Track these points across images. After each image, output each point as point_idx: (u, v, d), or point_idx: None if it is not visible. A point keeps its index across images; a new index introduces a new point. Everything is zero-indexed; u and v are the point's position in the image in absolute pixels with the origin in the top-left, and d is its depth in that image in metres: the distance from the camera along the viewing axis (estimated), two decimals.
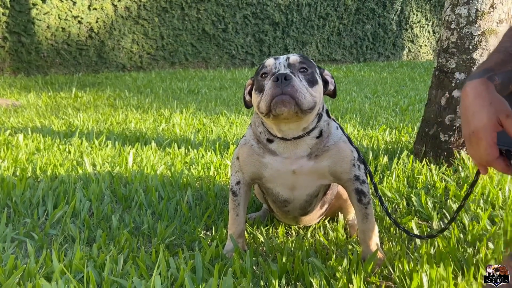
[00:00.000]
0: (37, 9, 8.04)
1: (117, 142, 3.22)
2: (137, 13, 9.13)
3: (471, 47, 2.44)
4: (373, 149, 2.93)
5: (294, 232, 1.84)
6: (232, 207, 1.63)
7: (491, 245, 1.58)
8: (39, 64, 8.31)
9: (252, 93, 1.48)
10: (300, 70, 1.41)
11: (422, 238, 1.48)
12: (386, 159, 2.64)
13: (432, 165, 2.52)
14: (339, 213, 1.91)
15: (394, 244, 1.65)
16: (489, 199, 2.02)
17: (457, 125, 2.49)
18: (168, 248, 1.68)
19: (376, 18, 12.35)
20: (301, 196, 1.60)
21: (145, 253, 1.58)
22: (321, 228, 1.84)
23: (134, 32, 9.18)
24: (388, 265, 1.48)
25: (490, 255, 1.49)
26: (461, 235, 1.68)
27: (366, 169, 1.57)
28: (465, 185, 2.20)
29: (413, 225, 1.76)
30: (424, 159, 2.61)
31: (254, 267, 1.52)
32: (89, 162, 2.68)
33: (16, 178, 2.36)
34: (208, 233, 1.84)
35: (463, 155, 2.47)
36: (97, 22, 8.71)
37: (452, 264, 1.44)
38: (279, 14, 10.81)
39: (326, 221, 1.90)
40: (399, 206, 2.04)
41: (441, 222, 1.84)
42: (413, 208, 2.01)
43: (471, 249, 1.56)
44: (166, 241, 1.69)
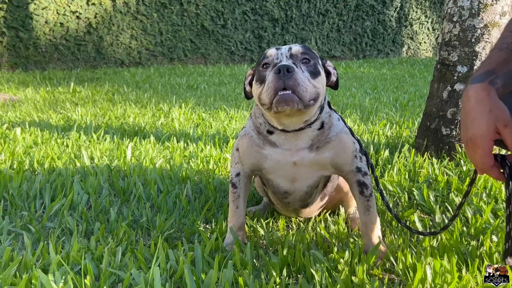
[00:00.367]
0: (35, 4, 7.99)
1: (116, 136, 3.19)
2: (136, 9, 9.08)
3: (474, 40, 2.42)
4: (374, 144, 2.90)
5: (295, 225, 1.82)
6: (232, 200, 1.61)
7: (495, 238, 1.56)
8: (37, 60, 8.27)
9: (253, 84, 1.45)
10: (303, 61, 1.38)
11: (424, 235, 1.46)
12: (387, 153, 2.61)
13: (434, 159, 2.50)
14: (340, 206, 1.89)
15: (397, 237, 1.63)
16: (492, 193, 2.00)
17: (459, 119, 2.46)
18: (167, 241, 1.65)
19: (376, 15, 12.32)
20: (302, 188, 1.58)
21: (144, 246, 1.56)
22: (322, 221, 1.82)
23: (133, 28, 9.13)
24: (391, 258, 1.45)
25: (494, 248, 1.47)
26: (464, 228, 1.66)
27: (368, 162, 1.55)
28: (467, 179, 2.18)
29: (415, 219, 1.74)
30: (426, 153, 2.59)
31: (255, 260, 1.50)
32: (87, 155, 2.65)
33: (13, 171, 2.33)
34: (208, 226, 1.81)
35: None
36: (96, 18, 8.66)
37: (456, 257, 1.42)
38: (279, 10, 10.78)
39: (327, 214, 1.87)
40: (401, 200, 2.02)
41: (444, 216, 1.82)
42: (415, 202, 1.99)
43: (475, 242, 1.54)
44: (165, 234, 1.67)
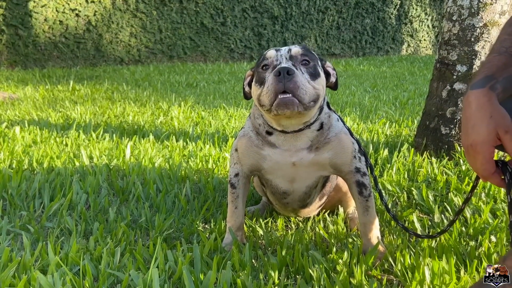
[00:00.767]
0: (35, 2, 7.97)
1: (115, 135, 3.19)
2: (135, 6, 9.06)
3: (473, 39, 2.41)
4: (373, 143, 2.90)
5: (294, 225, 1.82)
6: (231, 200, 1.61)
7: (494, 238, 1.56)
8: (37, 57, 8.25)
9: (252, 85, 1.45)
10: (302, 63, 1.37)
11: (422, 238, 1.46)
12: (386, 153, 2.61)
13: (433, 158, 2.50)
14: (339, 206, 1.89)
15: (395, 237, 1.63)
16: (491, 193, 2.00)
17: (458, 118, 2.46)
18: (166, 241, 1.65)
19: (376, 12, 12.29)
20: (301, 188, 1.58)
21: (143, 246, 1.56)
22: (321, 221, 1.82)
23: (132, 26, 9.11)
24: (390, 259, 1.45)
25: (493, 249, 1.47)
26: (463, 229, 1.66)
27: (367, 162, 1.55)
28: (466, 178, 2.18)
29: (414, 218, 1.74)
30: (425, 153, 2.58)
31: (253, 260, 1.50)
32: (86, 155, 2.65)
33: (12, 171, 2.33)
34: (207, 226, 1.81)
35: None
36: (95, 15, 8.64)
37: (455, 258, 1.42)
38: (278, 8, 10.75)
39: (326, 214, 1.88)
40: (400, 200, 2.02)
41: (443, 216, 1.82)
42: (414, 202, 1.99)
43: (474, 243, 1.54)
44: (164, 234, 1.67)
